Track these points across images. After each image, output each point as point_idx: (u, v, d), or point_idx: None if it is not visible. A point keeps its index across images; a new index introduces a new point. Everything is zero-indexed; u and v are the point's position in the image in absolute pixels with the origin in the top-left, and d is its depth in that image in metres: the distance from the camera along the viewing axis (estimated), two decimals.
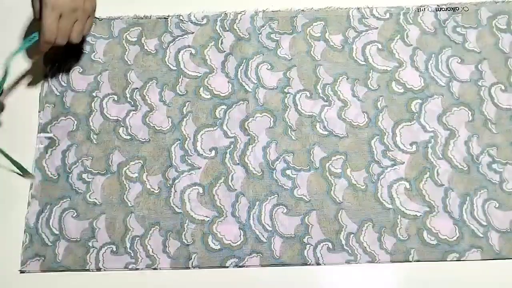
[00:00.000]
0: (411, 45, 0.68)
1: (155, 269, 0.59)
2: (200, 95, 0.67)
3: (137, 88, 0.67)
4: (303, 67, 0.67)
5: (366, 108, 0.65)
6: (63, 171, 0.63)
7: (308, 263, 0.59)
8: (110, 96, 0.67)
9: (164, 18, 0.71)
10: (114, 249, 0.60)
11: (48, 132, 0.65)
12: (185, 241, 0.60)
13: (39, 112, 0.66)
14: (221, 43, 0.69)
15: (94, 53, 0.69)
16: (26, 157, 0.64)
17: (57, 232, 0.61)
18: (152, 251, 0.60)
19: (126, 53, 0.69)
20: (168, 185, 0.62)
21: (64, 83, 0.68)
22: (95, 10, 0.64)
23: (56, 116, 0.66)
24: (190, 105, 0.66)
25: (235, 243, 0.60)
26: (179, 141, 0.64)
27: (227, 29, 0.70)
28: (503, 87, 0.66)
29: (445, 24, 0.69)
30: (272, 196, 0.62)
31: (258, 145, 0.64)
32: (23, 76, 0.68)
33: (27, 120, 0.66)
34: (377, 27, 0.69)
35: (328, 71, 0.67)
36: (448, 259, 0.59)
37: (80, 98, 0.67)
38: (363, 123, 0.65)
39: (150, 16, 0.71)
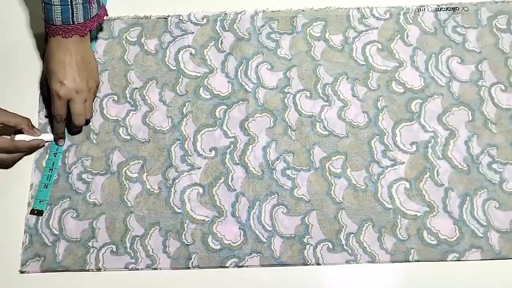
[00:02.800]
0: (411, 45, 0.68)
1: (155, 269, 0.59)
2: (200, 95, 0.67)
3: (137, 88, 0.67)
4: (303, 67, 0.67)
5: (366, 108, 0.65)
6: (63, 171, 0.63)
7: (308, 263, 0.59)
8: (110, 96, 0.67)
9: (164, 18, 0.71)
10: (114, 249, 0.60)
11: (48, 132, 0.65)
12: (185, 241, 0.60)
13: (39, 112, 0.66)
14: (221, 43, 0.69)
15: (94, 53, 0.69)
16: (26, 157, 0.64)
17: (57, 232, 0.61)
18: (152, 251, 0.60)
19: (126, 53, 0.69)
20: (168, 185, 0.62)
21: None
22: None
23: None
24: (190, 105, 0.66)
25: (235, 243, 0.60)
26: (179, 141, 0.64)
27: (227, 29, 0.70)
28: (503, 87, 0.66)
29: (445, 24, 0.69)
30: (272, 196, 0.62)
31: (258, 145, 0.64)
32: (23, 76, 0.68)
33: None
34: (377, 27, 0.69)
35: (328, 71, 0.67)
36: (448, 259, 0.59)
37: None
38: (363, 123, 0.65)
39: (150, 16, 0.71)
